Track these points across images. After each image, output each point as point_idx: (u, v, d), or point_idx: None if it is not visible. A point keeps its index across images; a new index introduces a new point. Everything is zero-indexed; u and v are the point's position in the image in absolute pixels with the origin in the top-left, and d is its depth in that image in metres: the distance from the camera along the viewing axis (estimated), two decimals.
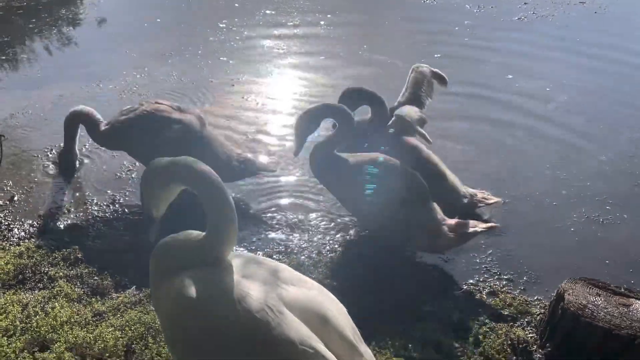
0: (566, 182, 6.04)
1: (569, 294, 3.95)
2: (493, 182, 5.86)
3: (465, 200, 5.22)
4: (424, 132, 5.29)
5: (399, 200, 4.61)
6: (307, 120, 4.78)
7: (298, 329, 2.35)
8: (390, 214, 4.64)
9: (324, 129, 5.10)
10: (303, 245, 5.01)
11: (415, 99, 5.69)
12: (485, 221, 4.99)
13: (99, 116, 5.58)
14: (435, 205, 4.72)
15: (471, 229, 4.61)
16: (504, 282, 4.71)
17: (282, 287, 2.54)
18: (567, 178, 6.12)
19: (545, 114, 7.39)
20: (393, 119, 5.29)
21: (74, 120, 5.67)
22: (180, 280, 2.63)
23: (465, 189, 5.27)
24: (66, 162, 5.88)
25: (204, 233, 2.71)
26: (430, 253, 4.92)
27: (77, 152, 5.90)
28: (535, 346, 4.07)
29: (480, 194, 5.31)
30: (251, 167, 5.50)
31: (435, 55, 8.84)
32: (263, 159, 6.07)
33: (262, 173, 5.66)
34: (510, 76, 8.38)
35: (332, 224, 5.29)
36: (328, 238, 5.12)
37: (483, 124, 7.09)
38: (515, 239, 5.20)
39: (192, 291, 2.56)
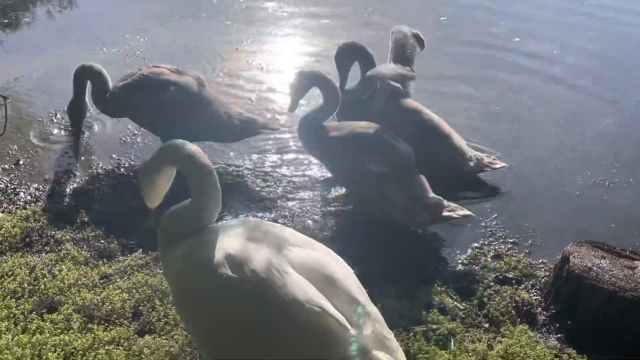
0: (571, 146, 6.02)
1: (574, 257, 3.96)
2: (498, 145, 5.84)
3: (472, 164, 5.21)
4: (400, 71, 5.21)
5: (374, 176, 4.62)
6: (299, 82, 4.85)
7: (305, 289, 2.37)
8: (366, 189, 4.69)
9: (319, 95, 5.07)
10: (308, 209, 5.01)
11: (399, 59, 5.58)
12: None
13: (108, 80, 5.48)
14: (420, 179, 4.67)
15: (446, 213, 4.55)
16: (509, 246, 4.72)
17: (288, 249, 2.55)
18: (573, 141, 6.09)
19: (552, 76, 7.33)
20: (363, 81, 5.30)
21: (83, 75, 5.56)
22: (185, 246, 2.74)
23: (471, 152, 5.26)
24: (76, 113, 5.75)
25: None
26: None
27: (88, 103, 5.76)
28: (539, 308, 4.09)
29: (486, 158, 5.30)
30: (253, 126, 5.47)
31: (442, 18, 8.75)
32: (265, 117, 6.04)
33: (264, 131, 5.62)
34: (517, 39, 8.30)
35: (338, 186, 5.28)
36: (333, 202, 5.13)
37: (489, 87, 7.04)
38: (520, 203, 5.20)
39: (198, 256, 2.61)
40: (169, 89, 5.21)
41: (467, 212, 4.57)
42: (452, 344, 3.73)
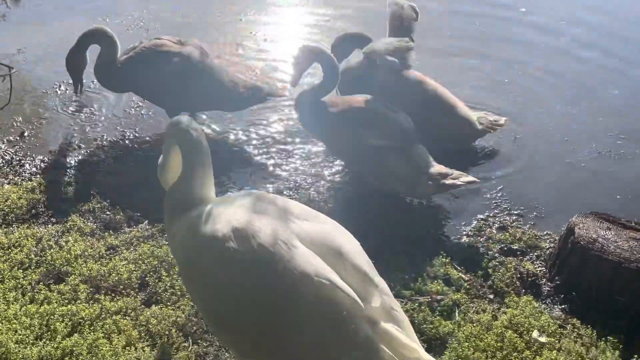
0: (577, 117, 5.99)
1: (579, 228, 3.96)
2: (504, 117, 5.81)
3: (480, 127, 5.21)
4: (397, 45, 5.18)
5: (375, 150, 4.60)
6: (301, 56, 4.82)
7: (313, 262, 2.36)
8: (368, 162, 4.68)
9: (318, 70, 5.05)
10: (312, 181, 5.01)
11: (397, 31, 5.50)
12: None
13: (118, 50, 5.33)
14: (422, 149, 4.66)
15: (450, 181, 4.53)
16: (514, 217, 4.72)
17: (294, 223, 2.54)
18: (579, 113, 6.06)
19: (558, 48, 7.28)
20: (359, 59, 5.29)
21: (93, 38, 5.34)
22: (190, 219, 2.74)
23: (476, 117, 5.27)
24: (75, 63, 5.40)
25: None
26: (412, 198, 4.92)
27: (87, 58, 5.45)
28: (544, 279, 4.10)
29: (488, 116, 5.31)
30: (259, 93, 5.44)
31: None
32: (271, 84, 6.01)
33: (270, 98, 5.59)
34: (523, 9, 8.22)
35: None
36: (338, 174, 5.13)
37: (494, 59, 6.98)
38: (526, 175, 5.19)
39: (203, 229, 2.61)
40: (173, 61, 5.18)
41: (471, 178, 4.56)
42: (457, 314, 3.75)
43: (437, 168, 4.57)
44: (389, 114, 4.67)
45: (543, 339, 3.56)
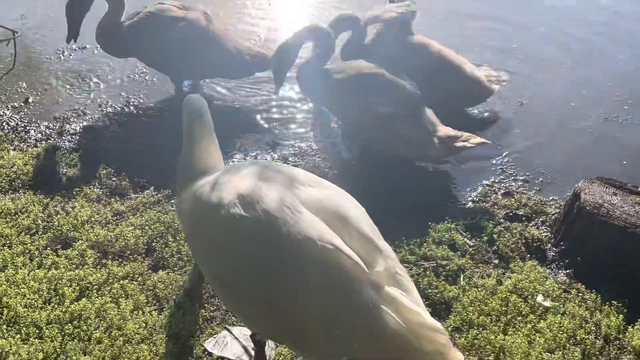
0: (584, 83, 5.95)
1: (585, 194, 3.95)
2: (510, 82, 5.76)
3: (487, 85, 5.21)
4: (398, 10, 5.15)
5: (385, 115, 4.58)
6: (285, 52, 4.85)
7: (317, 227, 2.37)
8: (377, 129, 4.64)
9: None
10: (317, 148, 5.00)
11: None
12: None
13: (124, 9, 5.27)
14: (429, 113, 4.65)
15: (460, 144, 4.53)
16: (520, 183, 4.71)
17: (299, 189, 2.55)
18: (585, 78, 6.02)
19: (564, 11, 7.19)
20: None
21: None
22: (197, 186, 2.80)
23: (484, 75, 5.25)
24: (76, 9, 5.21)
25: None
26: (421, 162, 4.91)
27: (89, 6, 5.30)
28: (549, 245, 4.11)
29: (494, 73, 5.32)
30: (263, 60, 5.42)
31: None
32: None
33: None
34: None
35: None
36: (343, 140, 5.11)
37: (501, 24, 6.92)
38: (532, 140, 5.17)
39: (209, 195, 2.65)
40: (179, 26, 5.14)
41: (481, 140, 4.55)
42: (462, 279, 3.77)
43: (446, 131, 4.57)
44: (396, 80, 4.64)
45: (547, 303, 3.58)
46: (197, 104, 3.15)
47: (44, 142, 4.90)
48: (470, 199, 4.55)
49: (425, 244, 4.00)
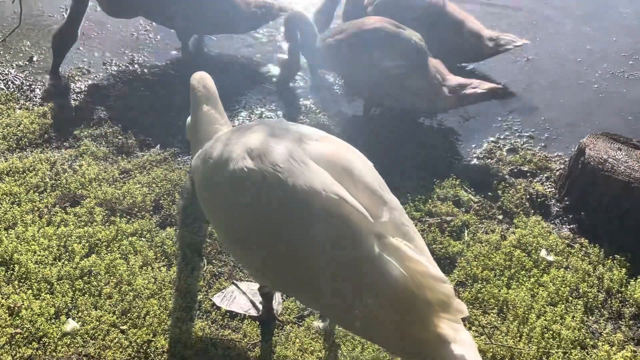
0: (590, 38, 5.90)
1: (589, 149, 3.96)
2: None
3: (491, 44, 5.14)
4: None
5: (392, 69, 4.54)
6: (289, 62, 5.05)
7: (322, 178, 2.39)
8: (385, 86, 4.62)
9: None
10: (323, 105, 5.00)
11: None
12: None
13: None
14: (437, 62, 4.62)
15: (470, 90, 4.51)
16: (525, 139, 4.72)
17: (307, 143, 2.56)
18: (591, 33, 5.96)
19: None
20: None
21: None
22: (208, 145, 2.91)
23: (489, 33, 5.19)
24: (63, 37, 5.14)
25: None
26: (432, 114, 4.90)
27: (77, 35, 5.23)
28: (553, 200, 4.13)
29: (505, 36, 5.22)
30: (270, 9, 5.37)
31: None
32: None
33: (282, 14, 5.49)
34: None
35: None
36: (349, 97, 5.10)
37: None
38: (537, 96, 5.16)
39: (218, 151, 2.72)
40: None
41: (493, 85, 4.55)
42: (466, 234, 3.81)
43: (456, 79, 4.55)
44: (400, 32, 4.58)
45: (551, 258, 3.62)
46: (201, 76, 3.37)
47: (49, 100, 4.90)
48: (475, 155, 4.57)
49: (430, 200, 4.03)
